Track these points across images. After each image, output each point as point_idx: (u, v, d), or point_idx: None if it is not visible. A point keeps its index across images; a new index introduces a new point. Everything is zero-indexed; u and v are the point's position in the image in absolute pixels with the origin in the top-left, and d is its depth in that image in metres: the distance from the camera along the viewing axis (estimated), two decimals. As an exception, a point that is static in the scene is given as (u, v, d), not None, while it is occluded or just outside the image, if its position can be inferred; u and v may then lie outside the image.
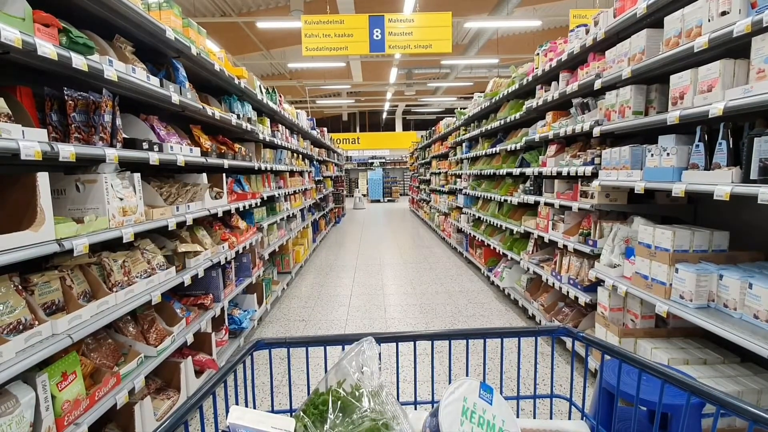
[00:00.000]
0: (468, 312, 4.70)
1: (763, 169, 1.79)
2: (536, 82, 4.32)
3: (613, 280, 2.77)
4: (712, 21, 2.04)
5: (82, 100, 2.00)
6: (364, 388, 0.83)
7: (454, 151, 8.60)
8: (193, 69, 3.12)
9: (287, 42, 13.24)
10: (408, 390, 2.85)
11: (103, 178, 2.01)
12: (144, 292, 2.30)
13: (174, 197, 2.76)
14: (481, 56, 13.50)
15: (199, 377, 2.82)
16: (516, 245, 4.95)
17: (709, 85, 2.07)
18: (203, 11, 11.19)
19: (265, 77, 17.79)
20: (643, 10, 2.53)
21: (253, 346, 1.06)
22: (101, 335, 2.18)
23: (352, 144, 24.25)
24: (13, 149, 1.48)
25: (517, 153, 5.08)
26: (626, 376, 1.69)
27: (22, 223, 1.61)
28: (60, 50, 1.69)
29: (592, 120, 3.14)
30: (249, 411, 0.79)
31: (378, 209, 18.59)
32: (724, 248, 2.35)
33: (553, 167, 3.74)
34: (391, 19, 7.46)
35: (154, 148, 2.43)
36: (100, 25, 2.23)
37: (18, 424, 1.50)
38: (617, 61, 2.82)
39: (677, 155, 2.28)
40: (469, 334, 1.12)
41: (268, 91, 5.17)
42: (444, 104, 22.59)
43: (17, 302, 1.64)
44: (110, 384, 1.97)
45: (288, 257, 6.10)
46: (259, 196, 4.43)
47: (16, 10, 1.58)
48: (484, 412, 0.74)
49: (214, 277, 3.29)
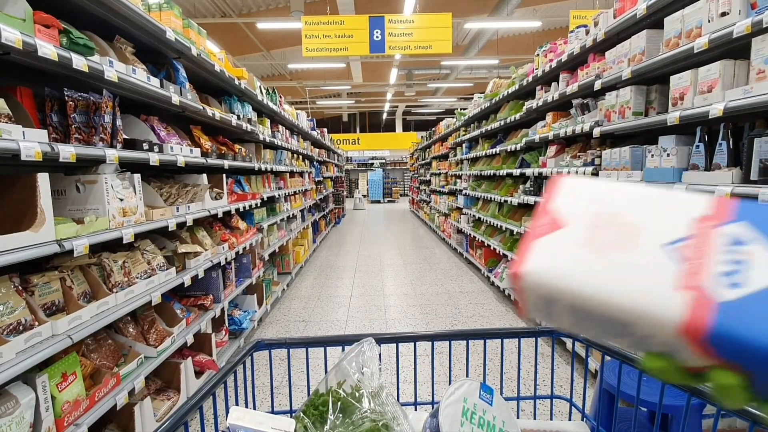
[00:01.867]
0: (468, 313, 4.70)
1: (763, 170, 1.79)
2: (536, 83, 4.32)
3: (613, 280, 2.77)
4: (712, 22, 2.04)
5: (82, 100, 2.00)
6: (364, 388, 0.83)
7: (454, 151, 8.60)
8: (193, 70, 3.12)
9: (287, 43, 13.25)
10: (408, 391, 2.85)
11: (104, 179, 2.01)
12: (144, 292, 2.30)
13: (174, 198, 2.76)
14: (481, 57, 13.51)
15: (199, 378, 2.82)
16: (516, 246, 4.95)
17: (709, 85, 2.07)
18: (203, 12, 11.20)
19: (265, 78, 17.80)
20: (643, 11, 2.53)
21: (253, 347, 1.06)
22: (101, 336, 2.18)
23: (352, 145, 24.24)
24: (13, 150, 1.48)
25: (517, 154, 5.08)
26: (626, 377, 1.69)
27: (22, 223, 1.61)
28: (60, 51, 1.69)
29: (592, 121, 3.14)
30: (249, 412, 0.78)
31: (378, 210, 18.59)
32: (725, 249, 2.35)
33: (553, 168, 3.74)
34: (391, 19, 7.47)
35: (155, 149, 2.44)
36: (101, 25, 2.23)
37: (18, 424, 1.50)
38: (617, 62, 2.82)
39: (677, 156, 2.28)
40: (470, 335, 1.12)
41: (268, 92, 5.17)
42: (444, 105, 22.60)
43: (17, 303, 1.64)
44: (110, 385, 1.97)
45: (288, 258, 6.10)
46: (260, 196, 4.43)
47: (16, 11, 1.59)
48: (485, 413, 0.74)
49: (214, 278, 3.29)
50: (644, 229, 0.37)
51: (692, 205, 0.37)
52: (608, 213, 0.38)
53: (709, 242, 0.35)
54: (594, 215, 0.39)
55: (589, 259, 0.37)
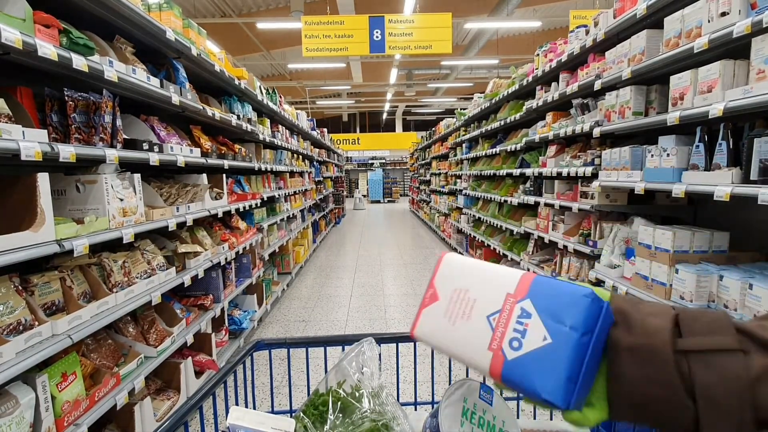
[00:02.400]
0: (468, 313, 4.69)
1: (763, 170, 1.79)
2: (536, 83, 4.32)
3: (613, 280, 2.77)
4: (712, 22, 2.04)
5: (82, 100, 2.00)
6: (364, 388, 0.83)
7: (454, 151, 8.60)
8: (193, 70, 3.12)
9: (287, 43, 13.25)
10: (408, 390, 2.85)
11: (104, 179, 2.01)
12: (144, 292, 2.30)
13: (174, 198, 2.76)
14: (481, 57, 13.51)
15: (199, 378, 2.82)
16: (516, 246, 4.95)
17: (709, 85, 2.07)
18: (203, 12, 11.20)
19: (265, 78, 17.80)
20: (643, 11, 2.53)
21: (253, 347, 1.06)
22: (101, 336, 2.18)
23: (352, 144, 24.24)
24: (13, 150, 1.48)
25: (517, 153, 5.08)
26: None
27: (22, 223, 1.61)
28: (60, 51, 1.69)
29: (592, 121, 3.14)
30: (249, 411, 0.79)
31: (378, 210, 18.59)
32: (725, 249, 2.35)
33: (553, 168, 3.74)
34: (391, 19, 7.47)
35: (155, 149, 2.43)
36: (101, 25, 2.23)
37: (18, 424, 1.50)
38: (617, 62, 2.82)
39: (677, 156, 2.28)
40: (469, 335, 1.12)
41: (268, 92, 5.17)
42: (444, 105, 22.60)
43: (17, 303, 1.64)
44: (110, 384, 1.97)
45: (288, 258, 6.10)
46: (259, 196, 4.43)
47: (16, 11, 1.59)
48: (485, 413, 0.74)
49: (214, 278, 3.29)
50: (478, 303, 0.55)
51: (508, 282, 0.53)
52: (461, 289, 0.57)
53: (509, 315, 0.51)
54: (453, 291, 0.58)
55: (446, 325, 0.56)
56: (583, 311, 0.47)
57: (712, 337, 0.43)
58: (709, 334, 0.44)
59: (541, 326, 0.48)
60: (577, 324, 0.46)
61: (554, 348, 0.47)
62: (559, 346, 0.47)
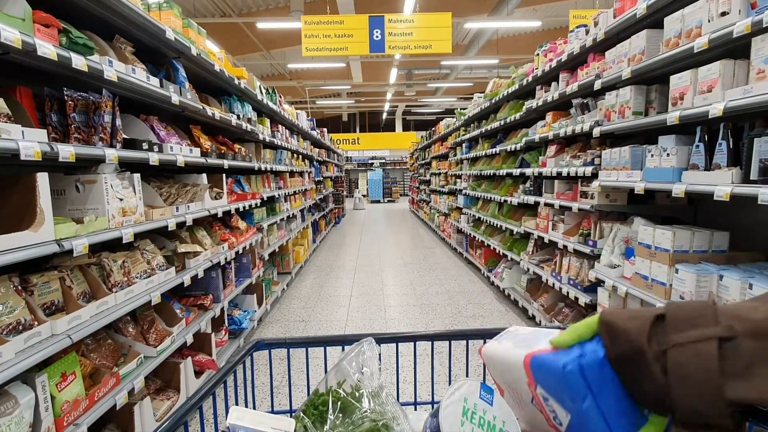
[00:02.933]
0: (468, 312, 4.70)
1: (763, 170, 1.79)
2: (536, 83, 4.32)
3: (613, 280, 2.77)
4: (712, 21, 2.04)
5: (82, 100, 2.00)
6: (364, 388, 0.83)
7: (454, 151, 8.60)
8: (193, 69, 3.12)
9: (287, 42, 13.25)
10: (408, 390, 2.84)
11: (103, 179, 2.01)
12: (144, 292, 2.29)
13: (174, 197, 2.75)
14: (481, 57, 13.51)
15: (199, 378, 2.82)
16: (516, 246, 4.95)
17: (709, 85, 2.07)
18: (203, 12, 11.20)
19: (265, 78, 17.79)
20: (643, 11, 2.53)
21: (253, 347, 1.06)
22: (101, 336, 2.18)
23: (352, 144, 24.24)
24: (12, 149, 1.48)
25: (517, 153, 5.08)
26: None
27: (21, 223, 1.60)
28: (60, 50, 1.69)
29: (592, 120, 3.14)
30: (249, 411, 0.78)
31: (378, 210, 18.59)
32: (724, 249, 2.35)
33: (553, 168, 3.74)
34: (391, 19, 7.47)
35: (154, 149, 2.43)
36: (100, 25, 2.23)
37: (17, 424, 1.50)
38: (617, 62, 2.82)
39: (677, 156, 2.28)
40: (470, 335, 1.12)
41: (268, 92, 5.17)
42: (444, 105, 22.60)
43: (17, 302, 1.64)
44: (110, 384, 1.97)
45: (288, 258, 6.10)
46: (259, 196, 4.43)
47: (16, 11, 1.58)
48: (485, 413, 0.74)
49: (213, 278, 3.28)
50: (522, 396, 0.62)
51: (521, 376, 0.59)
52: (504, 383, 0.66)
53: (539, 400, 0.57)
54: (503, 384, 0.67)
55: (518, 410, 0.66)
56: (571, 386, 0.50)
57: (690, 332, 0.45)
58: (692, 329, 0.45)
59: (558, 406, 0.54)
60: (575, 397, 0.51)
61: (579, 421, 0.52)
62: (579, 422, 0.52)
